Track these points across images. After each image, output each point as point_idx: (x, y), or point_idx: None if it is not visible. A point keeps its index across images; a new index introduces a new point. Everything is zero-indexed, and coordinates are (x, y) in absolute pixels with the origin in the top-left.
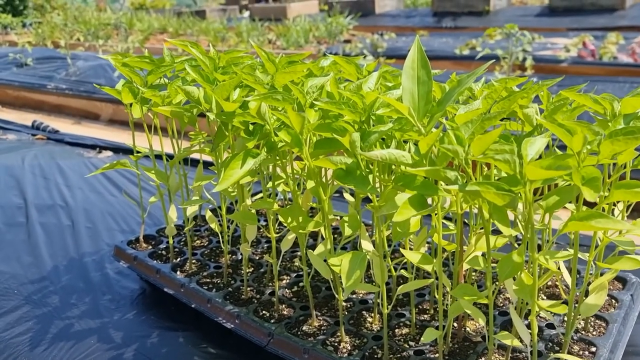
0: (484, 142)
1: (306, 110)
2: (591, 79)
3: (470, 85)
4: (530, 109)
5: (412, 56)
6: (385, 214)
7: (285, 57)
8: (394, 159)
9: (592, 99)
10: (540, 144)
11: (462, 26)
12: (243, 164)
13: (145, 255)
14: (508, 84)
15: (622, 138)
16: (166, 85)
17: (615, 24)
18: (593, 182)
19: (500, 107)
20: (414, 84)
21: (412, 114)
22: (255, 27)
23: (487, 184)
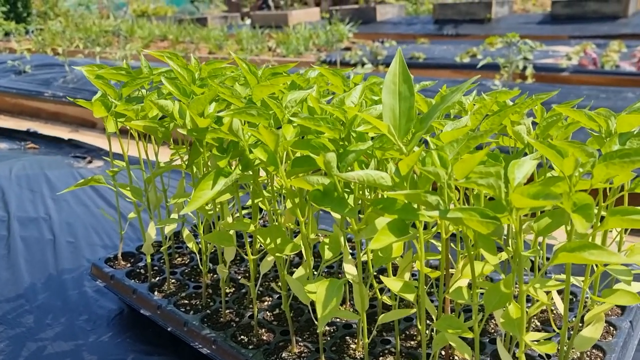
0: (467, 164)
1: (284, 127)
2: (592, 89)
3: (459, 99)
4: (522, 126)
5: (393, 70)
6: (366, 238)
7: (268, 68)
8: (372, 180)
9: (587, 115)
10: (529, 166)
11: (464, 34)
12: (214, 185)
13: (123, 274)
14: (499, 97)
15: (618, 161)
16: (144, 98)
17: (617, 32)
18: (585, 210)
19: (490, 123)
20: (395, 99)
21: (393, 132)
22: (255, 34)
23: (471, 211)
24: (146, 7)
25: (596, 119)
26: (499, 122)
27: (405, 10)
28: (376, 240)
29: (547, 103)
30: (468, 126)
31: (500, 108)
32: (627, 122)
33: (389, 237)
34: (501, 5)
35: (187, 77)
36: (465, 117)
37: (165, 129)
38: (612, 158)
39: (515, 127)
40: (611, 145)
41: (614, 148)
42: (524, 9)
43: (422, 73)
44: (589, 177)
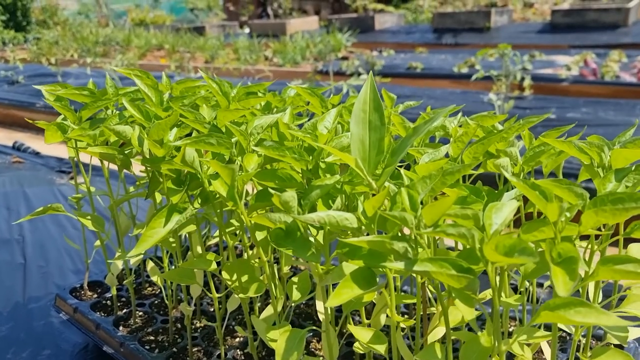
0: (436, 209)
1: (246, 156)
2: (592, 100)
3: (442, 123)
4: (504, 159)
5: (363, 96)
6: (331, 283)
7: (243, 87)
8: (336, 223)
9: (577, 147)
10: (509, 209)
11: (463, 43)
12: (167, 222)
13: (88, 306)
14: (484, 122)
15: (609, 208)
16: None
17: (618, 41)
18: (569, 265)
19: (472, 152)
20: (364, 129)
21: (361, 166)
22: (252, 43)
23: (442, 261)
24: (144, 15)
25: (588, 151)
26: (482, 151)
27: (405, 19)
28: (336, 295)
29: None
30: (444, 160)
31: (485, 134)
32: (623, 156)
33: (351, 290)
34: (500, 15)
35: (154, 98)
36: (445, 147)
37: (125, 156)
38: (603, 203)
39: (498, 161)
40: (605, 184)
41: (608, 187)
42: (523, 18)
43: (420, 83)
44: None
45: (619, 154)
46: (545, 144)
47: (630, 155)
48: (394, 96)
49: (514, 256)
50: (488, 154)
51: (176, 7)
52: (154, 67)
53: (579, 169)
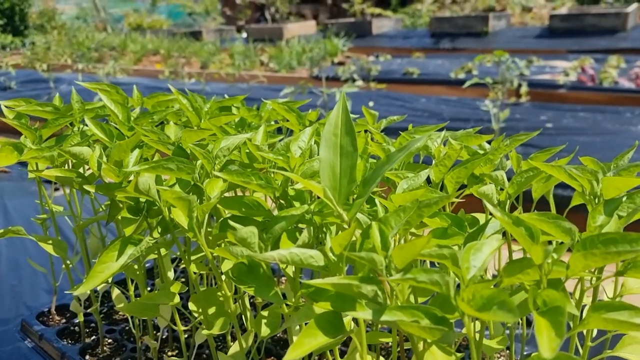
0: (408, 251)
1: (208, 182)
2: (590, 108)
3: (425, 144)
4: (488, 186)
5: (334, 119)
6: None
7: (217, 101)
8: (299, 261)
9: (567, 173)
10: (489, 250)
11: (461, 47)
12: (119, 256)
13: (54, 332)
14: (468, 142)
15: (599, 252)
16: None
17: (617, 46)
18: (555, 316)
19: (455, 177)
20: (335, 155)
21: (330, 196)
22: (247, 48)
23: (414, 310)
24: (141, 20)
25: (578, 178)
26: (465, 175)
27: (403, 23)
28: (297, 346)
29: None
30: (421, 190)
31: (470, 157)
32: (615, 185)
33: (315, 339)
34: (498, 19)
35: (121, 114)
36: (426, 171)
37: (83, 179)
38: (592, 245)
39: (482, 188)
40: (595, 216)
41: (598, 220)
42: (522, 22)
43: (416, 90)
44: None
45: (610, 183)
46: (534, 168)
47: (622, 184)
48: (375, 113)
49: (491, 310)
50: (474, 177)
51: (174, 12)
52: (149, 72)
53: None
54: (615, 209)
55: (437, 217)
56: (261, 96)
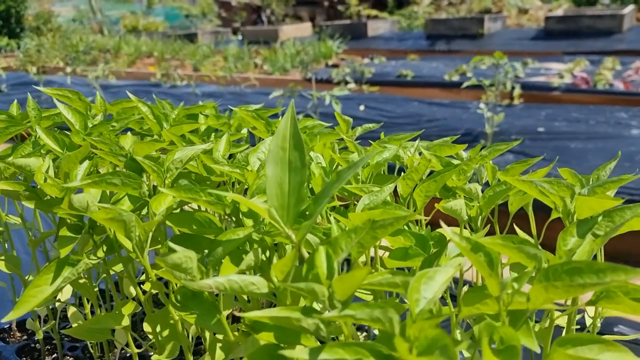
0: (349, 282)
1: (155, 198)
2: (583, 110)
3: (397, 153)
4: (456, 201)
5: (282, 131)
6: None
7: (184, 109)
8: (239, 288)
9: (538, 188)
10: (443, 279)
11: (456, 49)
12: (55, 279)
13: (13, 350)
14: (441, 151)
15: (562, 284)
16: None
17: (612, 48)
18: (509, 355)
19: (424, 191)
20: (283, 171)
21: (276, 217)
22: (241, 50)
23: (357, 348)
24: (137, 22)
25: (550, 195)
26: (435, 189)
27: (399, 25)
28: None
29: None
30: (379, 210)
31: (442, 168)
32: (588, 205)
33: None
34: (494, 21)
35: (78, 123)
36: (389, 186)
37: (32, 194)
38: (556, 276)
39: (449, 204)
40: (566, 239)
41: (569, 243)
42: (518, 24)
43: (410, 92)
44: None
45: (583, 203)
46: (506, 184)
47: (595, 205)
48: (349, 119)
49: (433, 356)
50: (446, 190)
51: (171, 14)
52: (141, 75)
53: None
54: (588, 230)
55: (401, 235)
56: (252, 99)
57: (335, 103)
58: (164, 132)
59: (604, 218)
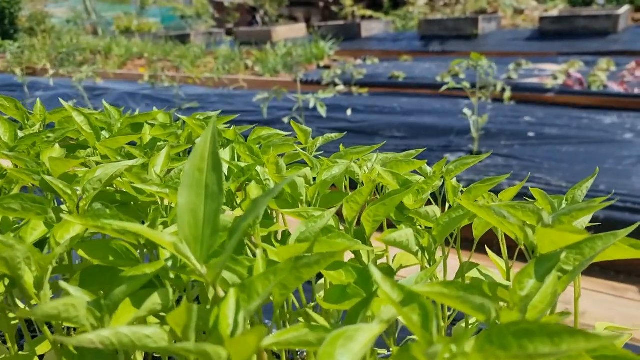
0: (244, 346)
1: (58, 226)
2: (575, 112)
3: (351, 168)
4: (400, 232)
5: (200, 149)
6: None
7: (129, 117)
8: (130, 343)
9: (497, 217)
10: (364, 341)
11: (450, 50)
12: None
13: None
14: (399, 168)
15: (505, 355)
16: None
17: (607, 49)
18: None
19: (372, 215)
20: (199, 196)
21: (186, 252)
22: (233, 52)
23: None
24: (130, 23)
25: (510, 226)
26: (384, 213)
27: (394, 25)
28: None
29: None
30: (305, 245)
31: (396, 189)
32: (549, 239)
33: None
34: (488, 22)
35: (8, 134)
36: (330, 211)
37: None
38: (501, 340)
39: (390, 235)
40: (522, 281)
41: (525, 289)
42: (513, 25)
43: (402, 94)
44: None
45: (544, 236)
46: (463, 210)
47: (558, 239)
48: (307, 129)
49: None
50: (402, 211)
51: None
52: (130, 76)
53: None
54: (550, 270)
55: (341, 269)
56: (239, 101)
57: (320, 106)
58: (98, 146)
59: (571, 251)
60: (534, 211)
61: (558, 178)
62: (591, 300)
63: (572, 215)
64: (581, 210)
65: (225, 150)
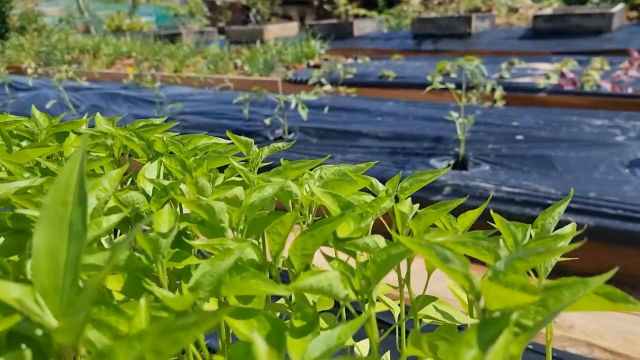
0: None
1: None
2: (567, 113)
3: (288, 188)
4: (324, 274)
5: (65, 177)
6: None
7: (53, 126)
8: None
9: (439, 257)
10: None
11: (443, 49)
12: None
13: None
14: (343, 189)
15: None
16: None
17: (601, 47)
18: None
19: (299, 249)
20: (61, 236)
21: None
22: (223, 51)
23: None
24: (121, 22)
25: (452, 273)
26: (314, 246)
27: (388, 24)
28: None
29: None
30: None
31: (345, 209)
32: (496, 296)
33: None
34: (482, 20)
35: None
36: (239, 249)
37: None
38: None
39: (309, 280)
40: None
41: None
42: (507, 23)
43: (391, 94)
44: None
45: (489, 290)
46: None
47: (506, 296)
48: (248, 140)
49: None
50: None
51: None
52: (116, 76)
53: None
54: (496, 336)
55: (253, 319)
56: (223, 102)
57: (302, 107)
58: (2, 160)
59: (537, 305)
60: (490, 249)
61: (547, 185)
62: (581, 312)
63: (528, 261)
64: (539, 254)
65: (152, 165)
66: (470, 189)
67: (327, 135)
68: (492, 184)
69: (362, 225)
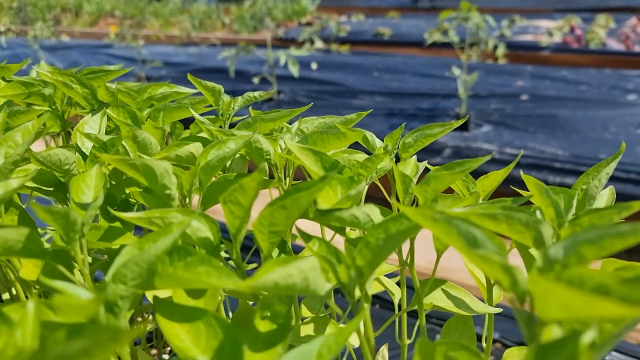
0: None
1: None
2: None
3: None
4: (295, 264)
5: None
6: None
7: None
8: None
9: (462, 240)
10: None
11: (441, 6)
12: None
13: None
14: (327, 144)
15: None
16: None
17: (605, 5)
18: None
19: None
20: None
21: None
22: (209, 9)
23: None
24: None
25: (482, 264)
26: (285, 220)
27: None
28: None
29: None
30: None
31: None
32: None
33: None
34: None
35: None
36: (179, 225)
37: None
38: None
39: (272, 276)
40: None
41: None
42: None
43: (385, 51)
44: None
45: (546, 293)
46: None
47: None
48: (217, 87)
49: None
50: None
51: None
52: (97, 35)
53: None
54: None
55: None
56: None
57: (292, 64)
58: None
59: None
60: (528, 224)
61: (553, 147)
62: None
63: (602, 246)
64: (620, 236)
65: (94, 118)
66: (472, 150)
67: (318, 97)
68: (496, 146)
69: (352, 192)
